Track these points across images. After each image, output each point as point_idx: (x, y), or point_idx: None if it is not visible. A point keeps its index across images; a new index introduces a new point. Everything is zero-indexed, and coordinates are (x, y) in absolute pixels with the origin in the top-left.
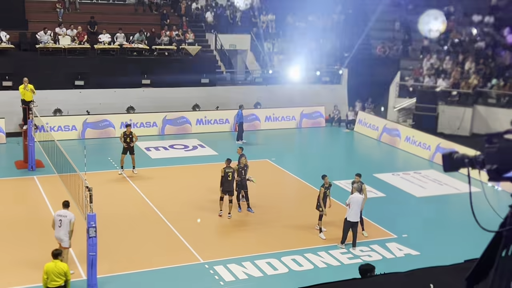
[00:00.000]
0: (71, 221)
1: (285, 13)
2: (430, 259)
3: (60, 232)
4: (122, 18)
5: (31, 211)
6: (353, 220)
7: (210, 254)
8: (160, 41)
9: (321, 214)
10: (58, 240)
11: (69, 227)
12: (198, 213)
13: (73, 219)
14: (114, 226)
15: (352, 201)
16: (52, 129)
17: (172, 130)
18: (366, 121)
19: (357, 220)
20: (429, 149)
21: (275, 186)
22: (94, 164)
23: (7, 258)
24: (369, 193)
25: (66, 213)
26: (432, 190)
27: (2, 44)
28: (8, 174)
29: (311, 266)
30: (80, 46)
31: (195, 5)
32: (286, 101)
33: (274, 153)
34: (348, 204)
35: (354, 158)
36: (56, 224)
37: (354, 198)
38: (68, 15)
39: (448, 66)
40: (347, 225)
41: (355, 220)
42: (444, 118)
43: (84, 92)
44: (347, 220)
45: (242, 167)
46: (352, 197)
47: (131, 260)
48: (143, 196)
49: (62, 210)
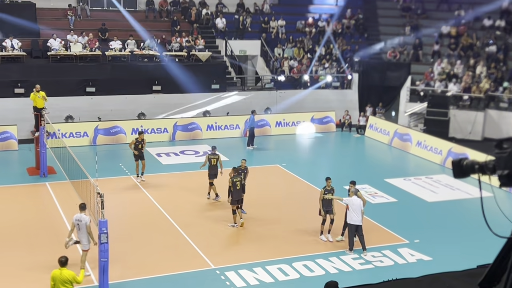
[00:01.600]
0: (87, 224)
1: (295, 18)
2: (443, 265)
3: (80, 235)
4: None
5: (43, 217)
6: (356, 223)
7: (221, 259)
8: (170, 48)
9: (324, 219)
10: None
11: (86, 230)
12: (209, 218)
13: (88, 222)
14: (125, 232)
15: (353, 203)
16: (64, 136)
17: (182, 136)
18: (377, 126)
19: (360, 223)
20: (441, 153)
21: (286, 192)
22: (105, 170)
23: (19, 263)
24: (380, 198)
25: (82, 216)
26: (444, 195)
27: (14, 51)
28: (20, 180)
29: (323, 271)
30: (91, 53)
31: (205, 11)
32: (296, 107)
33: (285, 159)
34: (347, 205)
35: (365, 163)
36: (76, 228)
37: (355, 201)
38: (79, 22)
39: (459, 70)
40: (351, 229)
41: (358, 223)
42: (455, 123)
43: (95, 99)
44: (349, 224)
45: (242, 170)
46: (351, 200)
47: (142, 266)
48: (154, 202)
49: (78, 214)
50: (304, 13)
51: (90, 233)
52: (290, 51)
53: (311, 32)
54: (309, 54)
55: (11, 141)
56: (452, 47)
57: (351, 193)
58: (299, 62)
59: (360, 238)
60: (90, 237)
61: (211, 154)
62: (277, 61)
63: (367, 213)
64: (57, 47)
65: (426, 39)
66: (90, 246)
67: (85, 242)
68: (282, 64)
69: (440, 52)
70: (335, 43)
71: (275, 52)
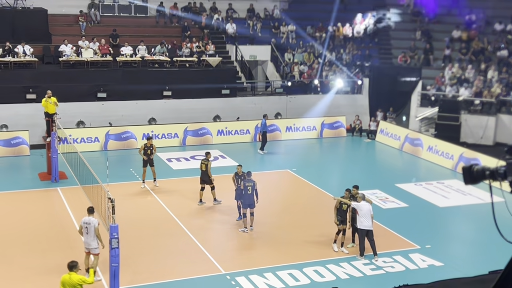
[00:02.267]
0: (95, 227)
1: (305, 23)
2: (454, 270)
3: (88, 238)
4: (143, 31)
5: (55, 222)
6: (366, 228)
7: (231, 265)
8: (181, 53)
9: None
10: (86, 247)
11: (94, 234)
12: (220, 223)
13: (97, 225)
14: (136, 237)
15: (361, 208)
16: (75, 141)
17: (193, 141)
18: (387, 130)
19: (370, 228)
20: (452, 158)
21: (296, 197)
22: (116, 176)
23: (31, 268)
24: (391, 203)
25: (90, 219)
26: (455, 200)
27: (26, 57)
28: (32, 185)
29: (333, 277)
30: (103, 59)
31: (216, 17)
32: (307, 111)
33: (295, 164)
34: (356, 211)
35: (375, 168)
36: (84, 232)
37: (363, 206)
38: (91, 28)
39: (470, 75)
40: (362, 234)
41: (369, 228)
42: (467, 127)
43: (107, 104)
44: (360, 229)
45: (240, 176)
46: (359, 206)
47: (153, 271)
48: (164, 207)
49: (87, 217)
50: (314, 18)
51: (99, 235)
52: (300, 56)
53: (321, 37)
54: (319, 59)
55: (23, 146)
56: (463, 52)
57: (359, 198)
58: (309, 67)
59: (371, 243)
60: (98, 239)
61: (203, 160)
62: (287, 66)
63: (378, 218)
64: (69, 53)
65: (437, 43)
66: (99, 250)
67: (94, 245)
68: (292, 69)
69: (451, 57)
70: (345, 47)
71: (285, 57)
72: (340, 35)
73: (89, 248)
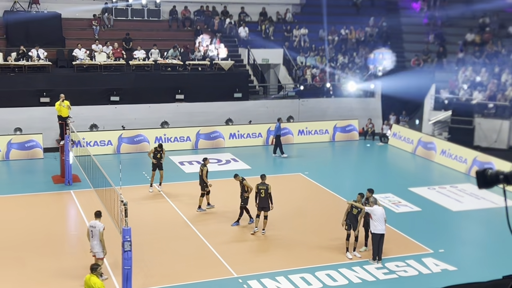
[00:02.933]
0: (100, 231)
1: (317, 27)
2: (468, 275)
3: (93, 242)
4: (156, 35)
5: (68, 225)
6: (380, 232)
7: (243, 268)
8: (193, 57)
9: (348, 233)
10: (92, 251)
11: (98, 237)
12: (232, 227)
13: (102, 229)
14: (148, 240)
15: (374, 213)
16: (89, 144)
17: (205, 144)
18: (400, 134)
19: (383, 231)
20: (466, 162)
21: (309, 200)
22: (129, 179)
23: (45, 270)
24: (404, 207)
25: (96, 223)
26: (469, 205)
27: (40, 61)
28: (45, 188)
29: (346, 281)
30: (116, 63)
31: (228, 21)
32: (319, 115)
33: (307, 167)
34: (370, 215)
35: (388, 172)
36: (89, 235)
37: (376, 211)
38: (104, 32)
39: (484, 78)
40: (375, 238)
41: (383, 232)
42: (480, 131)
43: (120, 108)
44: (374, 233)
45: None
46: (373, 210)
47: (165, 274)
48: (177, 210)
49: (93, 220)
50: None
51: (102, 240)
52: (312, 60)
53: (333, 40)
54: (332, 62)
55: (36, 149)
56: (477, 55)
57: (371, 202)
58: (322, 71)
59: (379, 247)
60: (101, 245)
61: (200, 165)
62: (300, 70)
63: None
64: (82, 56)
65: (450, 46)
66: (104, 254)
67: (97, 250)
68: (305, 72)
69: (464, 60)
70: (358, 51)
71: (298, 61)
72: (352, 38)
73: (94, 252)
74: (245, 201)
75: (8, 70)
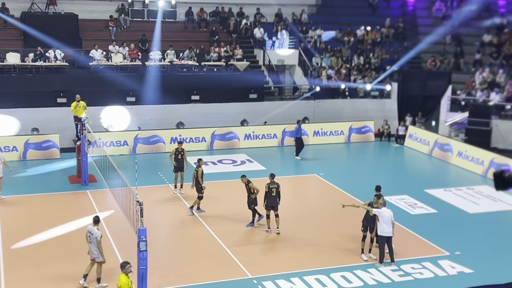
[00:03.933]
0: (97, 239)
1: (333, 27)
2: (484, 278)
3: (92, 248)
4: (172, 36)
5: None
6: (387, 235)
7: (258, 269)
8: (209, 58)
9: (364, 235)
10: (90, 254)
11: (96, 244)
12: (247, 227)
13: (99, 237)
14: (163, 240)
15: (382, 215)
16: (105, 145)
17: (220, 145)
18: (416, 135)
19: (391, 234)
20: (482, 164)
21: (324, 202)
22: (144, 179)
23: (61, 271)
24: (420, 209)
25: (93, 230)
26: (485, 207)
27: (57, 62)
28: (62, 188)
29: (361, 283)
30: (132, 63)
31: (244, 22)
32: (334, 116)
33: (322, 168)
34: (377, 217)
35: (404, 174)
36: (87, 240)
37: (384, 213)
38: (120, 33)
39: (501, 79)
40: (382, 240)
41: (389, 235)
42: (497, 133)
43: (135, 108)
44: (380, 236)
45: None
46: (381, 212)
47: (180, 275)
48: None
49: (91, 226)
50: (342, 23)
51: (100, 248)
52: (328, 61)
53: (349, 41)
54: (347, 64)
55: (53, 149)
56: (494, 56)
57: (380, 204)
58: (337, 72)
59: (390, 250)
60: (99, 252)
61: (196, 166)
62: (315, 71)
63: (406, 223)
64: (99, 57)
65: (467, 48)
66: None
67: (97, 255)
68: (320, 73)
69: (481, 61)
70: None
71: (313, 62)
72: (368, 39)
73: (93, 256)
74: (254, 202)
75: (25, 70)
